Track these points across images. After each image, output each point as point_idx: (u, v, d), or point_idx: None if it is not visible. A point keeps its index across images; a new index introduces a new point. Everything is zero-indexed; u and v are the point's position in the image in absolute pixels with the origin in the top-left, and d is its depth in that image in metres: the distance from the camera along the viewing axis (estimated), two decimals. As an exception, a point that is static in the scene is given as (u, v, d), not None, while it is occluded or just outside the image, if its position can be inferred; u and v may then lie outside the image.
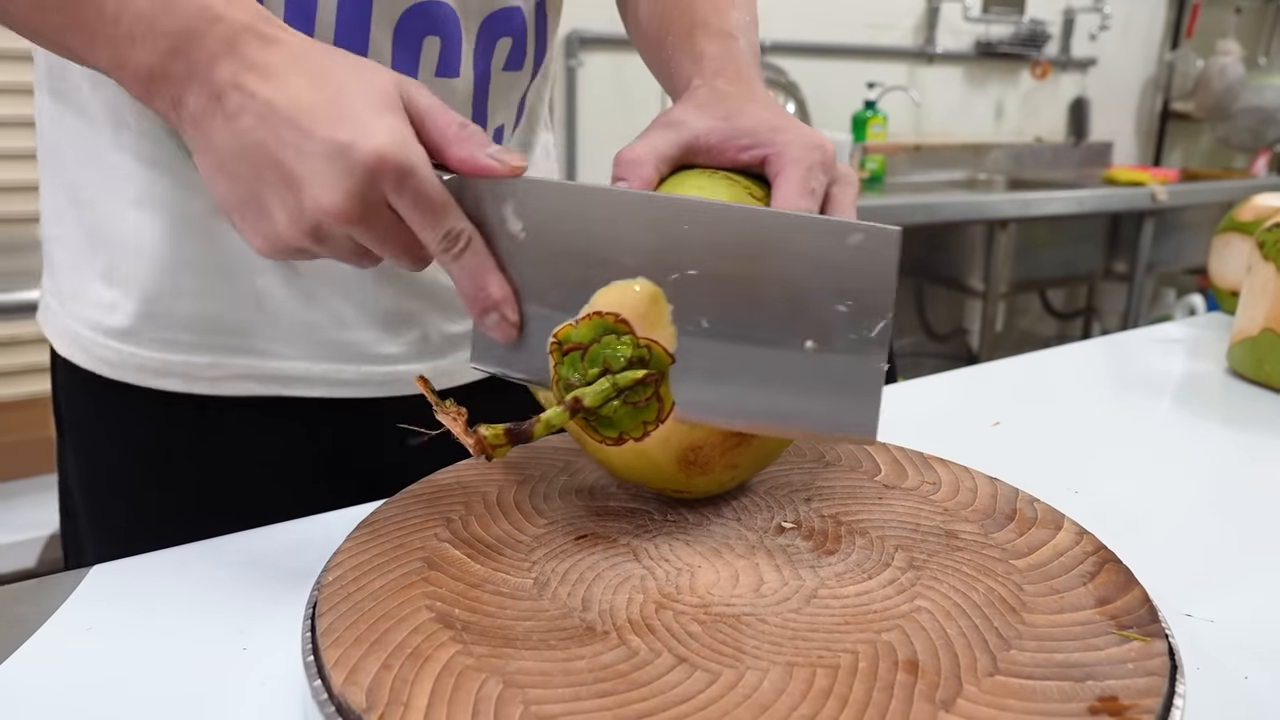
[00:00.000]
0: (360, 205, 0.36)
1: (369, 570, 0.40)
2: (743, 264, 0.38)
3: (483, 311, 0.41)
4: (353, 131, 0.36)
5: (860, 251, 0.37)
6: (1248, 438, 0.70)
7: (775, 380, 0.39)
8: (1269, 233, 0.79)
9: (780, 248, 0.37)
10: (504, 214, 0.40)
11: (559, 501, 0.47)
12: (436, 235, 0.39)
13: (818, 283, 0.37)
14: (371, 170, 0.36)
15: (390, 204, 0.38)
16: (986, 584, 0.40)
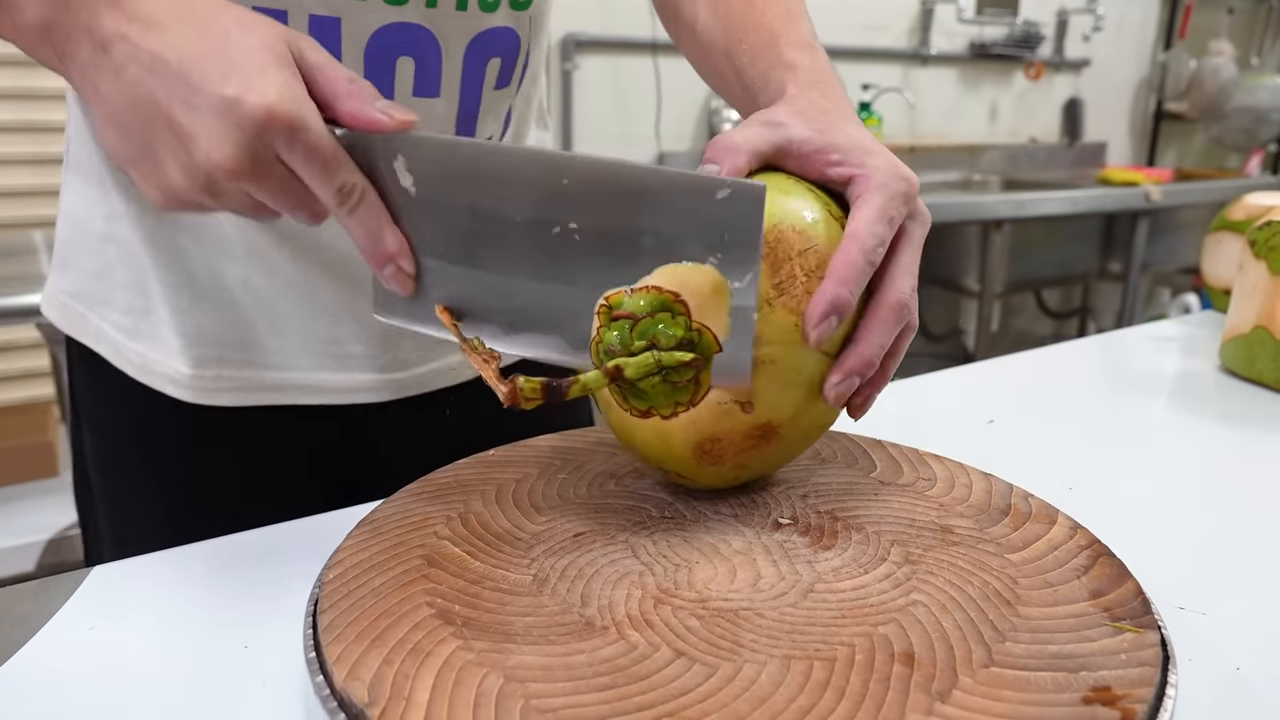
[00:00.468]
0: (251, 159, 0.36)
1: (370, 568, 0.41)
2: (619, 218, 0.39)
3: (380, 263, 0.41)
4: (241, 86, 0.36)
5: (727, 205, 0.38)
6: (1240, 434, 0.70)
7: None
8: (1260, 231, 0.80)
9: (653, 202, 0.39)
10: (395, 169, 0.40)
11: (557, 499, 0.48)
12: (330, 189, 0.39)
13: (690, 236, 0.39)
14: (261, 125, 0.36)
15: (282, 159, 0.38)
16: (981, 578, 0.40)
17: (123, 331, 0.61)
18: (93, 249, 0.61)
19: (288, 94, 0.36)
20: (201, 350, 0.60)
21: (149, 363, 0.61)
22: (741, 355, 0.40)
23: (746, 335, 0.40)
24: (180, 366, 0.60)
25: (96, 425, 0.66)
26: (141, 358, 0.61)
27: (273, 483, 0.64)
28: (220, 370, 0.60)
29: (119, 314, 0.61)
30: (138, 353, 0.61)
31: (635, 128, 2.45)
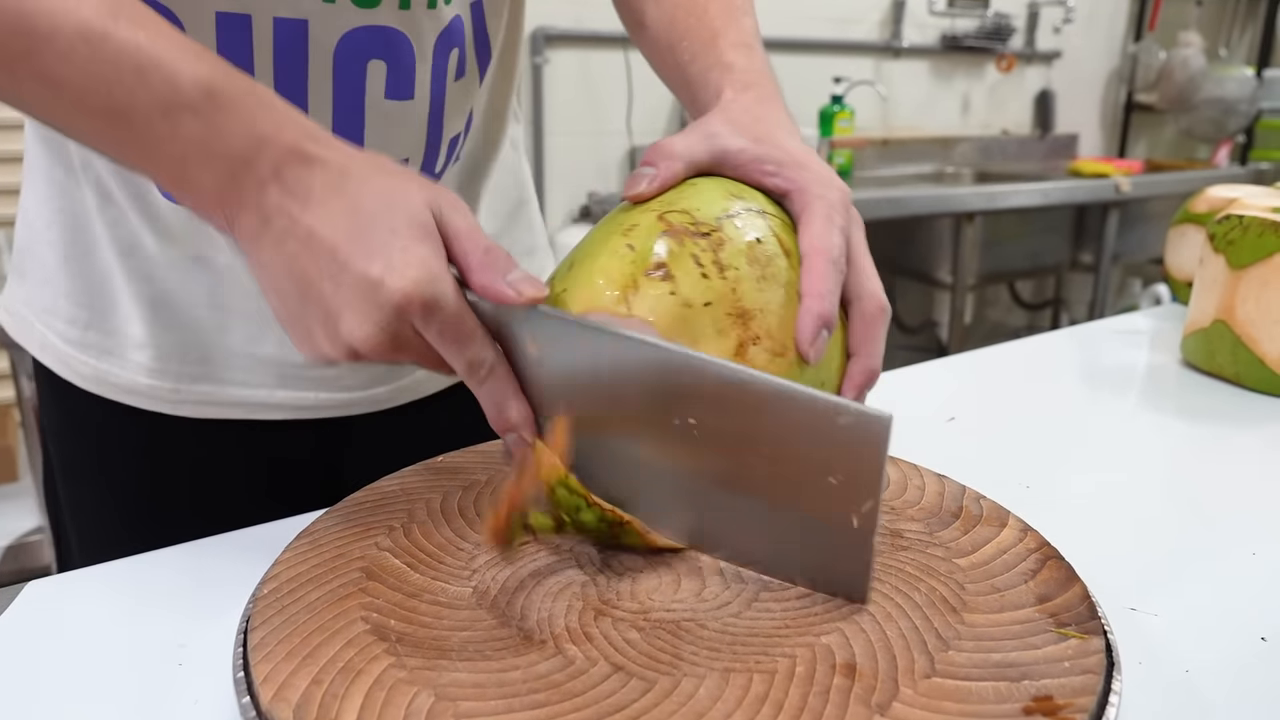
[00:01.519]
0: (390, 337, 0.38)
1: (306, 582, 0.40)
2: (737, 422, 0.38)
3: (503, 431, 0.43)
4: (384, 268, 0.37)
5: (849, 433, 0.36)
6: (1198, 429, 0.70)
7: (764, 532, 0.39)
8: (1219, 225, 0.80)
9: (773, 414, 0.37)
10: (523, 336, 0.41)
11: (504, 507, 0.47)
12: (462, 362, 0.40)
13: (807, 454, 0.37)
14: (400, 307, 0.38)
15: (420, 333, 0.39)
16: (929, 584, 0.40)
17: (69, 342, 0.60)
18: (38, 254, 0.59)
19: (425, 275, 0.38)
20: (162, 363, 0.59)
21: (100, 373, 0.60)
22: (860, 580, 0.38)
23: (866, 563, 0.38)
24: (137, 377, 0.59)
25: (56, 434, 0.65)
26: (91, 368, 0.60)
27: (234, 495, 0.63)
28: (178, 384, 0.60)
29: (63, 323, 0.60)
30: (86, 363, 0.60)
31: (606, 122, 2.44)
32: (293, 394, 0.61)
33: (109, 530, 0.64)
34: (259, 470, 0.64)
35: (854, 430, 0.36)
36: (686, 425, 0.39)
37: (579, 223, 2.40)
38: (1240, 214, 0.79)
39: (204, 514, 0.56)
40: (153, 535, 0.52)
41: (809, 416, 0.37)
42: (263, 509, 0.55)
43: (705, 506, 0.40)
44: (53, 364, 0.61)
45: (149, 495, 0.63)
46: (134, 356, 0.59)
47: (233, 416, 0.61)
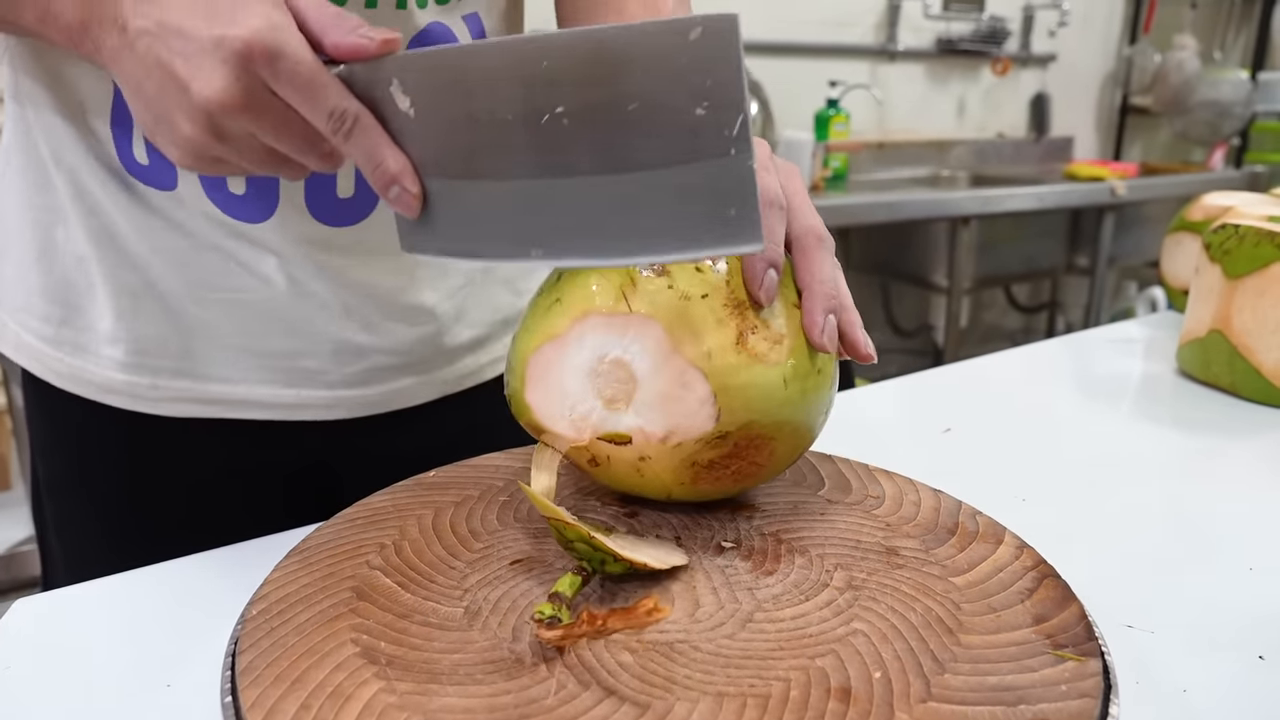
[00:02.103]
0: (241, 91, 0.38)
1: (296, 602, 0.39)
2: (601, 89, 0.37)
3: (383, 187, 0.41)
4: (226, 24, 0.38)
5: (702, 45, 0.35)
6: (1195, 441, 0.70)
7: (663, 204, 0.38)
8: (1215, 234, 0.80)
9: (631, 62, 0.36)
10: (391, 93, 0.40)
11: (496, 524, 0.46)
12: (321, 115, 0.39)
13: (673, 89, 0.36)
14: (243, 55, 0.37)
15: (273, 90, 0.39)
16: (925, 604, 0.39)
17: (43, 340, 0.59)
18: (9, 253, 0.59)
19: (266, 24, 0.38)
20: (139, 357, 0.58)
21: (75, 370, 0.59)
22: (749, 215, 0.36)
23: (751, 193, 0.36)
24: (112, 373, 0.58)
25: (41, 448, 0.64)
26: (66, 366, 0.59)
27: (220, 508, 0.62)
28: (156, 379, 0.58)
29: (38, 321, 0.59)
30: (61, 360, 0.59)
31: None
32: (274, 390, 0.60)
33: (93, 546, 0.63)
34: (246, 481, 0.63)
35: (705, 39, 0.35)
36: (555, 118, 0.38)
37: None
38: (1236, 223, 0.78)
39: (189, 527, 0.55)
40: (138, 550, 0.51)
41: (663, 43, 0.36)
42: (251, 522, 0.54)
43: (600, 209, 0.38)
44: (28, 363, 0.60)
45: (132, 507, 0.62)
46: (108, 351, 0.58)
47: (213, 415, 0.60)
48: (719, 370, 0.41)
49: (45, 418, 0.63)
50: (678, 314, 0.41)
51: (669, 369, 0.41)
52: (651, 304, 0.41)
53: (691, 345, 0.41)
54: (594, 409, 0.42)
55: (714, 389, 0.41)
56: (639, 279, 0.42)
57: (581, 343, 0.42)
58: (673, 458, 0.42)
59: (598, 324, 0.42)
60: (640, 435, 0.42)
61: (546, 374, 0.43)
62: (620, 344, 0.41)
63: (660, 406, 0.41)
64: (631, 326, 0.41)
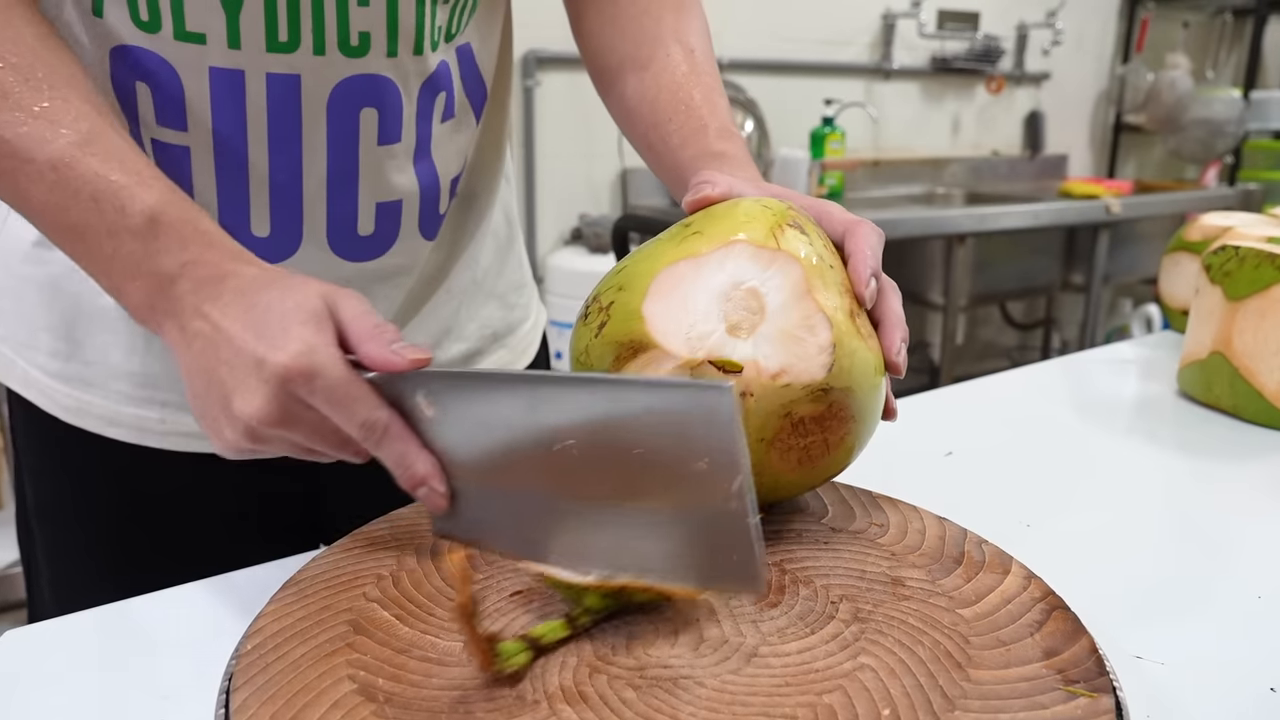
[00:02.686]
0: (278, 409, 0.41)
1: (291, 637, 0.38)
2: (607, 433, 0.39)
3: (412, 487, 0.44)
4: (268, 347, 0.40)
5: (696, 411, 0.37)
6: (1199, 463, 0.70)
7: (656, 538, 0.39)
8: (1215, 256, 0.79)
9: (633, 412, 0.38)
10: (419, 401, 0.43)
11: (496, 555, 0.46)
12: (354, 425, 0.42)
13: (671, 444, 0.38)
14: (281, 377, 0.40)
15: (308, 403, 0.41)
16: (933, 637, 0.38)
17: (50, 375, 0.59)
18: (15, 290, 0.58)
19: (305, 349, 0.40)
20: (148, 391, 0.58)
21: (83, 404, 0.59)
22: (749, 565, 0.38)
23: (749, 545, 0.37)
24: (120, 406, 0.58)
25: (34, 472, 0.63)
26: (74, 400, 0.58)
27: (216, 533, 0.61)
28: (164, 413, 0.58)
29: (44, 356, 0.59)
30: (69, 395, 0.58)
31: (598, 144, 2.44)
32: None
33: (84, 573, 0.62)
34: (246, 509, 0.62)
35: (698, 407, 0.37)
36: (567, 448, 0.40)
37: (570, 245, 2.39)
38: (1236, 245, 0.78)
39: (187, 556, 0.55)
40: (133, 578, 0.51)
41: (654, 402, 0.38)
42: (249, 550, 0.53)
43: (603, 529, 0.40)
44: (36, 398, 0.59)
45: (130, 537, 0.61)
46: (117, 385, 0.58)
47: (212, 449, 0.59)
48: (842, 326, 0.43)
49: (38, 442, 0.62)
50: (814, 270, 0.43)
51: (800, 309, 0.42)
52: (797, 249, 0.43)
53: (824, 296, 0.43)
54: (715, 331, 0.42)
55: (835, 339, 0.42)
56: (787, 230, 0.44)
57: (722, 265, 0.43)
58: (774, 400, 0.42)
59: (744, 252, 0.43)
60: (753, 367, 0.42)
61: (674, 290, 0.43)
62: (761, 275, 0.43)
63: (781, 343, 0.42)
64: (777, 261, 0.43)
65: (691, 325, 0.42)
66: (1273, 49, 3.88)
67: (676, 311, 0.43)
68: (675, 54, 0.62)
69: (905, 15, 2.92)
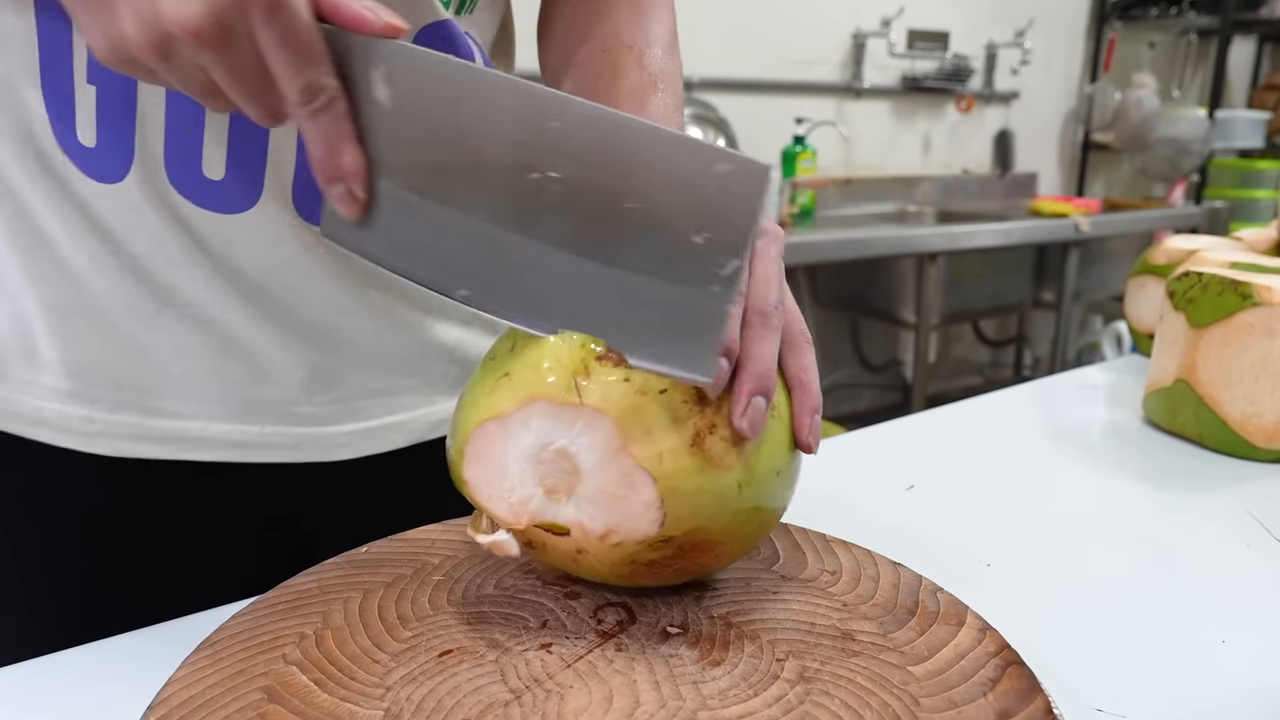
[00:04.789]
0: (219, 26, 0.33)
1: (199, 708, 0.36)
2: (606, 173, 0.35)
3: (329, 180, 0.38)
4: None
5: (725, 182, 0.34)
6: (1163, 495, 0.68)
7: (619, 301, 0.37)
8: (1179, 282, 0.79)
9: (646, 163, 0.35)
10: (374, 77, 0.37)
11: (428, 607, 0.43)
12: (297, 84, 0.35)
13: (678, 207, 0.35)
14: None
15: (254, 35, 0.34)
16: (880, 698, 0.37)
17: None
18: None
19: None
20: (77, 383, 0.51)
21: (7, 402, 0.52)
22: (707, 351, 0.35)
23: (717, 332, 0.35)
24: (43, 402, 0.51)
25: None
26: (5, 399, 0.52)
27: (173, 562, 0.56)
28: (92, 410, 0.52)
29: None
30: None
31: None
32: (235, 426, 0.54)
33: (17, 617, 0.58)
34: (208, 536, 0.57)
35: (731, 178, 0.34)
36: (546, 180, 0.36)
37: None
38: (1200, 271, 0.77)
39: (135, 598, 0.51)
40: (69, 628, 0.47)
41: (683, 162, 0.34)
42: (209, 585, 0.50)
43: (561, 278, 0.37)
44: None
45: (64, 574, 0.56)
46: (38, 377, 0.51)
47: (160, 456, 0.53)
48: (669, 473, 0.38)
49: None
50: (632, 410, 0.37)
51: (615, 467, 0.38)
52: (604, 397, 0.37)
53: (643, 445, 0.38)
54: (534, 495, 0.39)
55: (661, 493, 0.38)
56: (595, 367, 0.38)
57: (526, 427, 0.39)
58: (611, 555, 0.39)
59: (545, 411, 0.38)
60: (579, 529, 0.39)
61: (486, 451, 0.40)
62: (568, 435, 0.38)
63: (602, 503, 0.38)
64: (581, 419, 0.38)
65: (510, 490, 0.39)
66: (1237, 69, 3.94)
67: (495, 476, 0.39)
68: (614, 47, 0.55)
69: (875, 35, 2.94)
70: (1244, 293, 0.73)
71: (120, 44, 0.34)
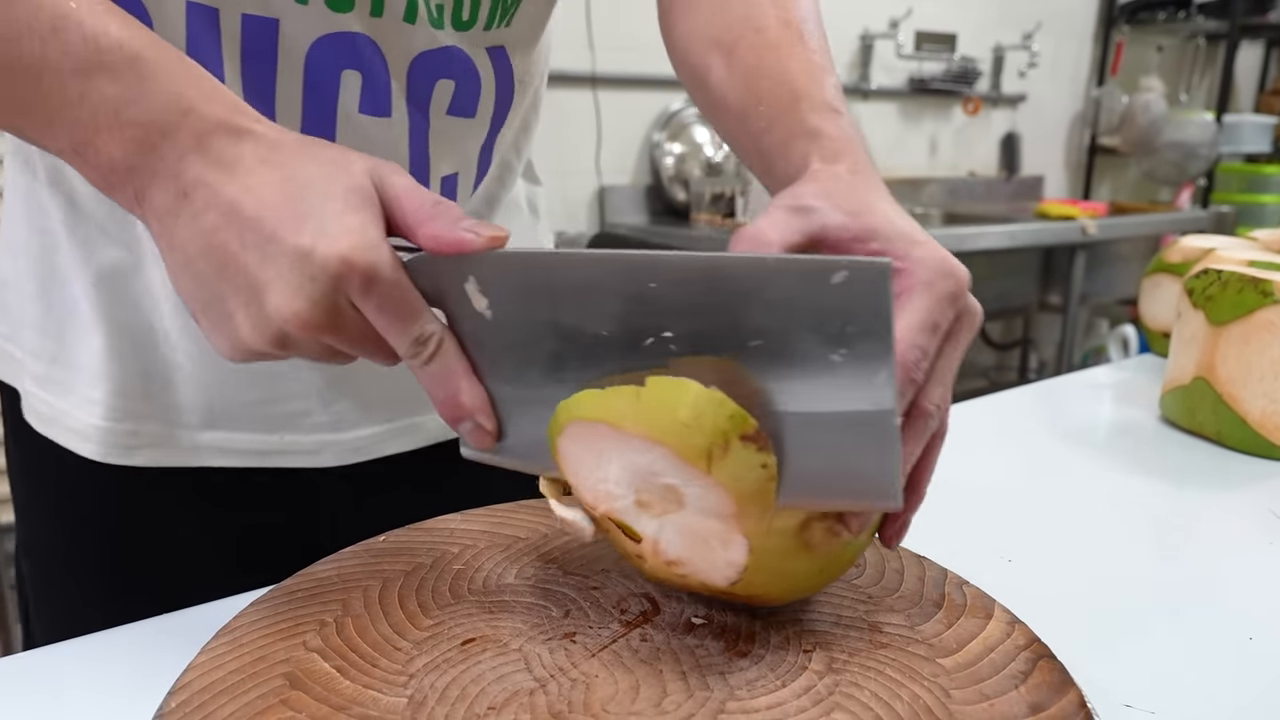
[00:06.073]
0: (324, 312, 0.34)
1: (220, 693, 0.35)
2: (722, 318, 0.34)
3: (455, 420, 0.39)
4: (315, 235, 0.34)
5: (847, 291, 0.32)
6: (1184, 493, 0.68)
7: (781, 449, 0.35)
8: (1197, 280, 0.78)
9: (755, 297, 0.33)
10: (468, 292, 0.37)
11: (449, 596, 0.43)
12: (407, 339, 0.36)
13: (806, 331, 0.33)
14: (335, 276, 0.34)
15: (357, 307, 0.35)
16: (911, 690, 0.36)
17: (35, 379, 0.55)
18: (18, 286, 0.55)
19: (363, 241, 0.34)
20: (122, 400, 0.53)
21: (57, 414, 0.55)
22: (886, 472, 0.34)
23: (890, 446, 0.33)
24: (91, 418, 0.54)
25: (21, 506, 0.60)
26: (49, 407, 0.55)
27: (199, 562, 0.58)
28: (137, 425, 0.54)
29: (31, 358, 0.55)
30: (45, 401, 0.55)
31: (575, 162, 2.42)
32: (257, 436, 0.56)
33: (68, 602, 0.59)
34: (229, 537, 0.58)
35: (853, 286, 0.32)
36: (661, 342, 0.35)
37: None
38: (1219, 268, 0.77)
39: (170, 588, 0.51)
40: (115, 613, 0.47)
41: (796, 284, 0.32)
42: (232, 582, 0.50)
43: None
44: (24, 398, 0.56)
45: (109, 568, 0.57)
46: (91, 393, 0.53)
47: (189, 464, 0.55)
48: (766, 549, 0.36)
49: (23, 463, 0.59)
50: (757, 493, 0.35)
51: (719, 525, 0.36)
52: (736, 479, 0.34)
53: (755, 522, 0.35)
54: (625, 499, 0.37)
55: (750, 562, 0.36)
56: (735, 445, 0.34)
57: (644, 454, 0.35)
58: (669, 574, 0.38)
59: (668, 457, 0.35)
60: (651, 545, 0.37)
61: (593, 441, 0.37)
62: (683, 481, 0.35)
63: (687, 540, 0.36)
64: (703, 483, 0.35)
65: (602, 481, 0.37)
66: (1244, 73, 3.93)
67: (592, 463, 0.37)
68: (769, 27, 0.50)
69: (883, 36, 2.93)
70: (1265, 290, 0.72)
71: (241, 345, 0.36)
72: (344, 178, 0.35)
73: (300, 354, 0.37)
